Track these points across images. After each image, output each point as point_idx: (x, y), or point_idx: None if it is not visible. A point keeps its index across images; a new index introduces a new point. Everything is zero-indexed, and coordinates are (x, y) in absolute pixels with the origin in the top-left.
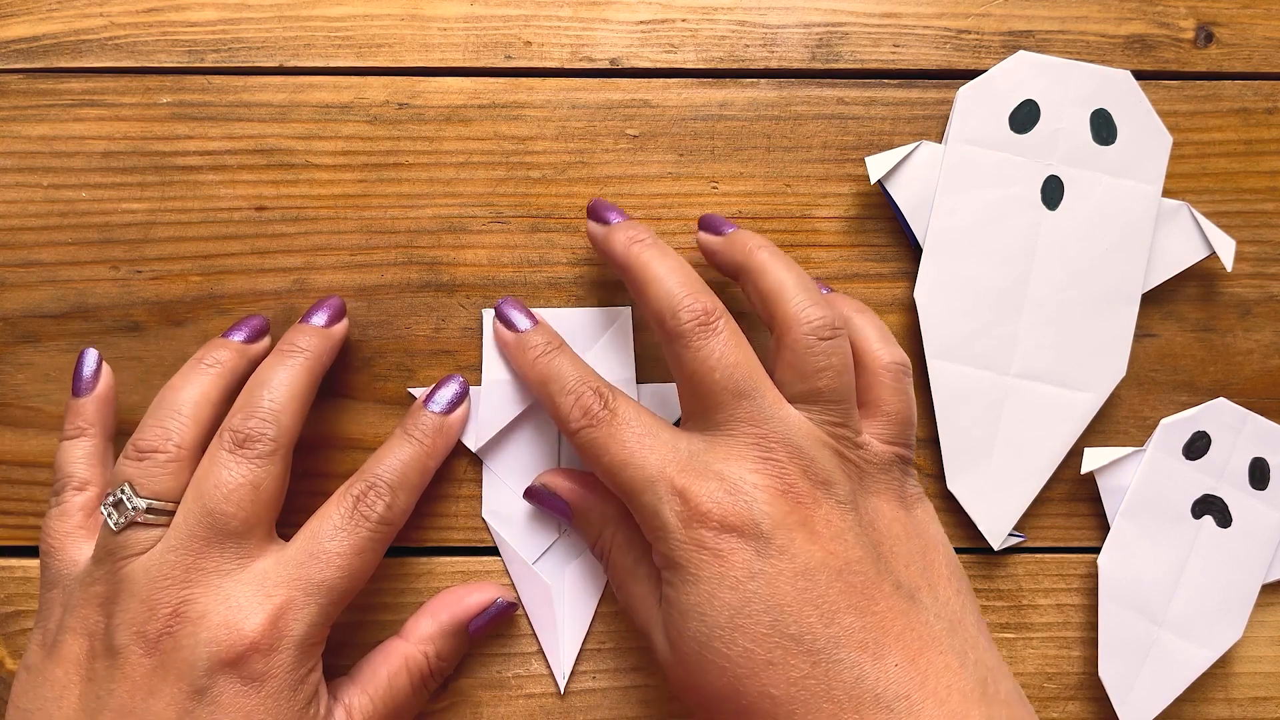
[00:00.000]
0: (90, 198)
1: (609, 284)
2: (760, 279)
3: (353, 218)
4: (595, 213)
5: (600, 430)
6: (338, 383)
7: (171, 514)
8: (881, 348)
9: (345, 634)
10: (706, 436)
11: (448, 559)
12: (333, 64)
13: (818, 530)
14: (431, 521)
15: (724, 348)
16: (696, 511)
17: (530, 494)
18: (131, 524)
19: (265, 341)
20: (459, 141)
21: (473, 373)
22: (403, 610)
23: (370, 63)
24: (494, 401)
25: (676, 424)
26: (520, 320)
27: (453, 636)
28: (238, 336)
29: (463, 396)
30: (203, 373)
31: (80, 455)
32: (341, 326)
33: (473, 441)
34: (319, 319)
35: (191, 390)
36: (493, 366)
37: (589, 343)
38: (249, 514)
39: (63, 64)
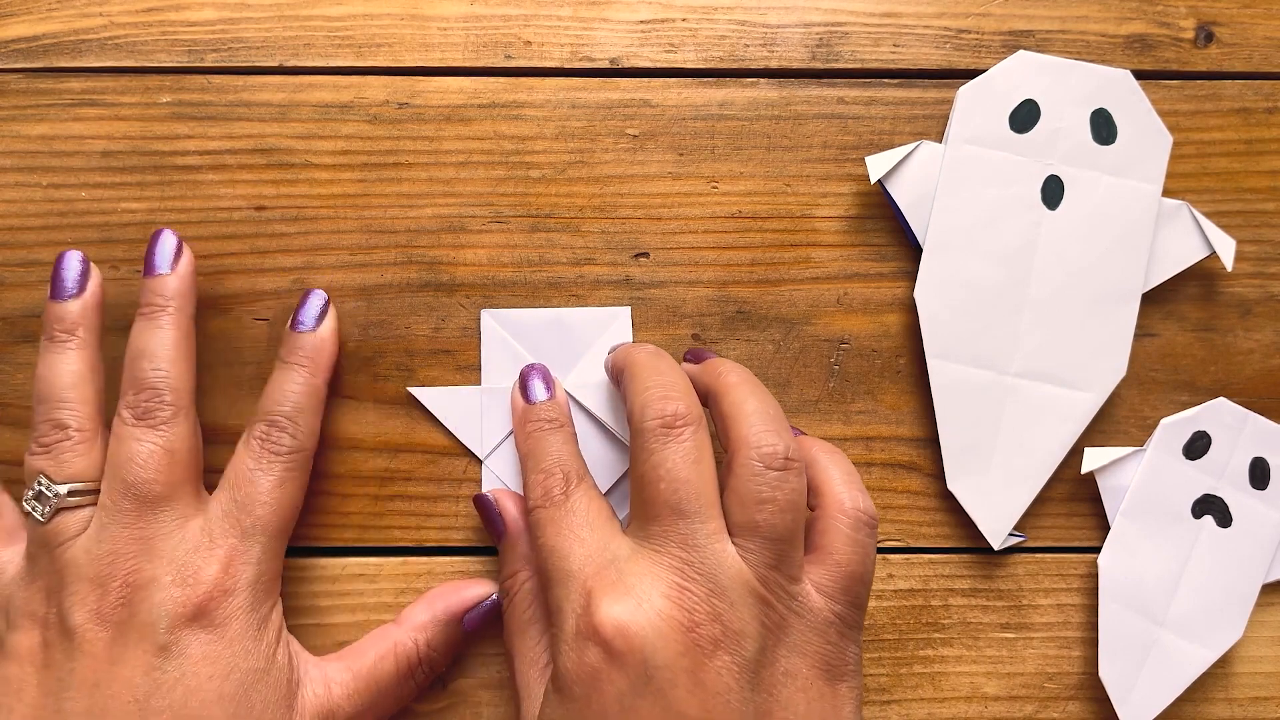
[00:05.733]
0: (90, 197)
1: (609, 284)
2: (722, 400)
3: (352, 217)
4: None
5: (548, 511)
6: (337, 382)
7: (93, 493)
8: (845, 491)
9: (345, 634)
10: (635, 544)
11: (447, 559)
12: (332, 64)
13: (704, 682)
14: (431, 521)
15: (678, 460)
16: (591, 622)
17: (479, 501)
18: (57, 511)
19: (94, 282)
20: (459, 141)
21: (472, 373)
22: (402, 610)
23: (370, 62)
24: (498, 408)
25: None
26: (537, 391)
27: (446, 627)
28: (66, 296)
29: (326, 307)
30: (61, 352)
31: None
32: (187, 261)
33: (478, 448)
34: (162, 265)
35: (64, 376)
36: (492, 370)
37: (589, 341)
38: (169, 478)
39: (62, 64)
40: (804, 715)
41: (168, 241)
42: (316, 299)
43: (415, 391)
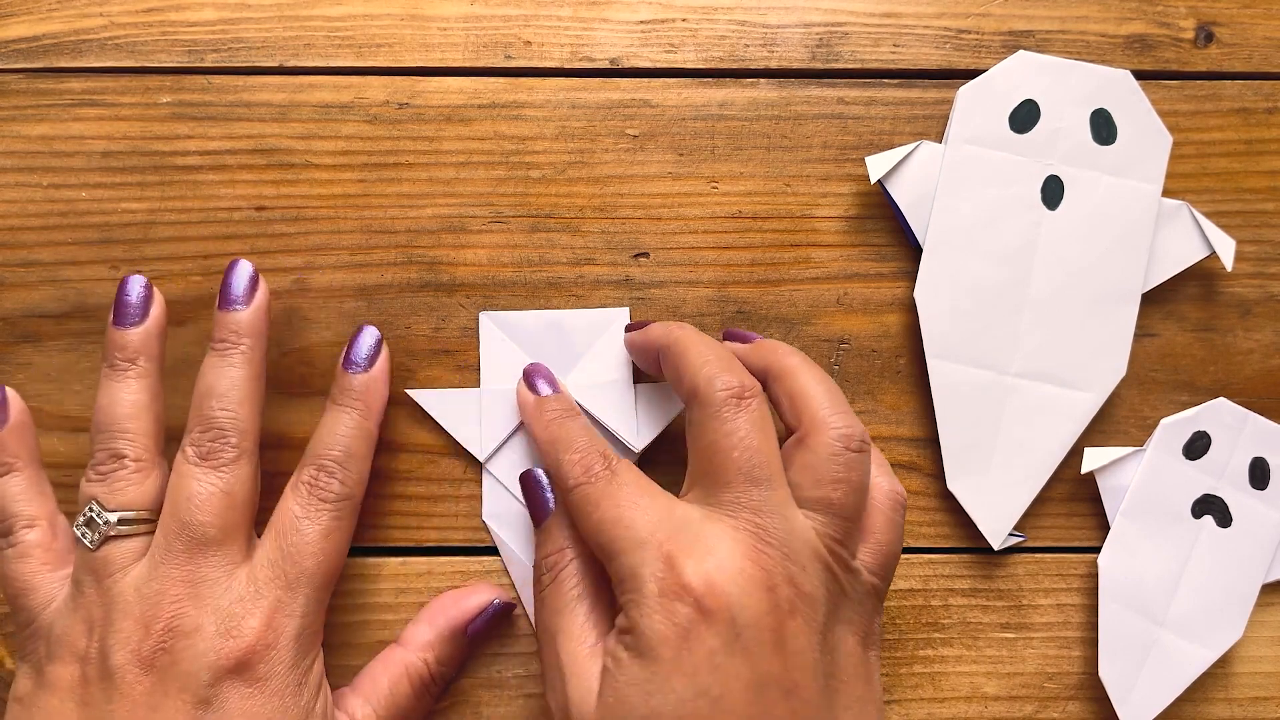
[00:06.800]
0: (90, 197)
1: (609, 284)
2: (791, 381)
3: (352, 217)
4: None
5: (597, 486)
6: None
7: (145, 521)
8: (883, 478)
9: (345, 634)
10: (705, 510)
11: (447, 559)
12: (333, 64)
13: (785, 641)
14: (431, 521)
15: (750, 428)
16: (678, 582)
17: (527, 477)
18: (106, 539)
19: (157, 309)
20: (459, 141)
21: (472, 373)
22: (402, 610)
23: (370, 63)
24: (497, 410)
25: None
26: (544, 387)
27: (451, 641)
28: (127, 323)
29: (378, 346)
30: (122, 380)
31: (18, 491)
32: (262, 294)
33: (479, 450)
34: (237, 298)
35: (123, 406)
36: (492, 373)
37: (588, 343)
38: (225, 521)
39: (63, 64)
40: (851, 678)
41: (243, 273)
42: (368, 336)
43: (414, 394)
